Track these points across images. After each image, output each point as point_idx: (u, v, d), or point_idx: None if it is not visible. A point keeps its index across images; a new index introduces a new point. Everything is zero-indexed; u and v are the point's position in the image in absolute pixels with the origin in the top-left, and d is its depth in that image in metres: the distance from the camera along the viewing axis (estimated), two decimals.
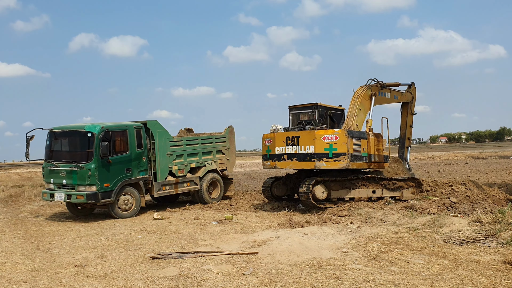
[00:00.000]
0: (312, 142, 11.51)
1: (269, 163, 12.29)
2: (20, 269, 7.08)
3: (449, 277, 5.81)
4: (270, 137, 12.33)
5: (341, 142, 11.34)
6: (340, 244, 7.86)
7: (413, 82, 15.19)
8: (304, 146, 11.61)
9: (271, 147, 12.21)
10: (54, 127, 12.15)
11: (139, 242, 8.77)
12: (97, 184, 11.26)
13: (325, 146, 11.40)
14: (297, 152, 11.72)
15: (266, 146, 12.44)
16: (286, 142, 11.90)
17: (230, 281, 5.97)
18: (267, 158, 12.37)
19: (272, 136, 12.26)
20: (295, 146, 11.74)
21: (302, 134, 11.75)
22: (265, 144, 12.48)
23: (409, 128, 15.57)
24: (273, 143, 12.17)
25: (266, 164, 12.45)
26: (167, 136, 13.31)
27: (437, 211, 10.23)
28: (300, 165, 11.79)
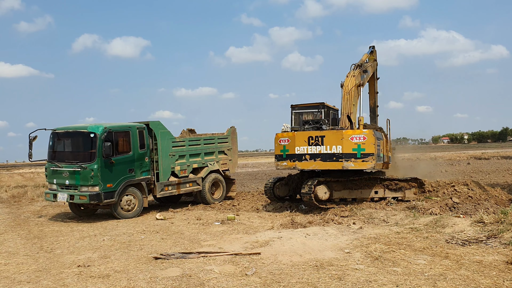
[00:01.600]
0: (339, 142, 11.38)
1: (286, 163, 11.87)
2: (24, 269, 7.11)
3: (451, 278, 5.81)
4: (287, 136, 11.92)
5: (369, 143, 11.36)
6: (343, 245, 7.87)
7: (373, 46, 15.22)
8: (330, 146, 11.45)
9: (289, 146, 11.82)
10: (57, 128, 12.18)
11: (142, 242, 8.79)
12: (99, 185, 11.29)
13: (353, 147, 11.34)
14: (321, 152, 11.50)
15: (281, 145, 12.00)
16: (308, 142, 11.60)
17: (233, 281, 5.99)
18: (283, 158, 11.94)
19: (290, 135, 11.87)
20: (319, 146, 11.52)
21: (327, 134, 11.56)
22: (279, 144, 12.03)
23: (376, 95, 15.99)
24: (292, 142, 11.78)
25: (281, 164, 12.01)
26: (170, 137, 13.33)
27: (440, 211, 10.22)
28: (325, 165, 11.55)
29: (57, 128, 12.17)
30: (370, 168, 11.41)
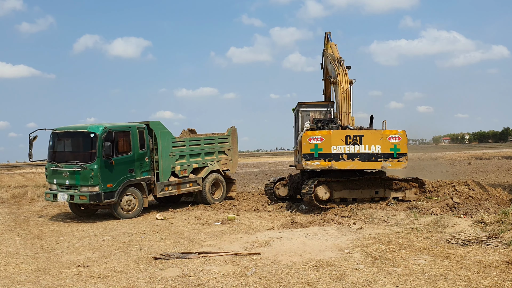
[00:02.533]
0: (378, 142, 11.41)
1: (319, 163, 11.37)
2: (23, 269, 7.10)
3: (452, 278, 5.79)
4: (320, 134, 11.43)
5: (403, 143, 11.49)
6: (343, 245, 7.85)
7: (328, 32, 15.20)
8: (369, 145, 11.42)
9: (323, 145, 11.37)
10: (57, 128, 12.18)
11: (141, 242, 8.78)
12: (100, 185, 11.28)
13: (390, 146, 11.42)
14: (360, 152, 11.42)
15: (311, 144, 11.42)
16: (345, 141, 11.44)
17: (233, 281, 5.97)
18: (314, 157, 11.40)
19: (325, 133, 11.44)
20: (358, 145, 11.42)
21: (366, 133, 11.54)
22: (309, 142, 11.43)
23: None
24: (327, 141, 11.38)
25: (312, 164, 11.43)
26: (170, 137, 13.32)
27: (440, 211, 10.20)
28: (363, 165, 11.51)
29: (57, 128, 12.16)
30: (403, 169, 11.59)
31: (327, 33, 15.19)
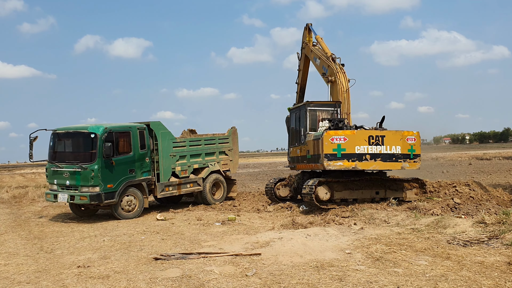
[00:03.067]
0: (398, 142, 11.52)
1: (342, 163, 11.26)
2: (24, 269, 7.09)
3: (453, 279, 5.78)
4: (343, 134, 11.32)
5: (418, 144, 11.71)
6: (344, 245, 7.84)
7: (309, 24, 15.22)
8: (390, 146, 11.48)
9: (346, 145, 11.25)
10: (58, 128, 12.18)
11: (142, 243, 8.78)
12: (100, 185, 11.28)
13: (408, 147, 11.61)
14: (381, 152, 11.45)
15: (334, 144, 11.28)
16: (368, 141, 11.41)
17: (233, 282, 5.96)
18: (337, 157, 11.27)
19: (348, 133, 11.35)
20: (380, 146, 11.44)
21: (387, 133, 11.59)
22: (331, 142, 11.27)
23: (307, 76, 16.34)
24: (351, 141, 11.29)
25: (335, 164, 11.27)
26: (170, 137, 13.32)
27: (441, 212, 10.19)
28: (385, 165, 11.56)
29: (57, 129, 12.16)
30: (417, 169, 11.79)
31: (308, 25, 15.12)
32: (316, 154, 11.71)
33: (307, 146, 12.29)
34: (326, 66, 13.53)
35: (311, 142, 12.06)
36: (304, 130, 12.61)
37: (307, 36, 15.16)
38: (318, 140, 11.58)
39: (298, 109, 13.31)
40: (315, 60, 14.31)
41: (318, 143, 11.57)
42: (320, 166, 11.57)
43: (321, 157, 11.34)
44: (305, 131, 12.55)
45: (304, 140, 12.57)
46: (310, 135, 12.22)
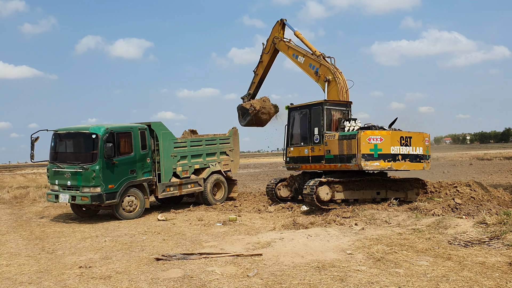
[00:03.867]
0: (421, 143, 11.87)
1: (378, 163, 11.27)
2: (25, 270, 7.10)
3: (454, 279, 5.78)
4: (380, 135, 11.32)
5: (430, 145, 12.16)
6: (345, 246, 7.84)
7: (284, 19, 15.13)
8: (415, 147, 11.72)
9: (382, 146, 11.28)
10: (59, 129, 12.19)
11: (143, 243, 8.79)
12: (101, 186, 11.29)
13: (426, 148, 11.95)
14: (409, 153, 11.64)
15: (371, 144, 11.26)
16: (400, 142, 11.52)
17: (235, 282, 5.97)
18: (374, 158, 11.27)
19: (384, 134, 11.36)
20: (408, 147, 11.61)
21: (413, 135, 11.80)
22: (368, 142, 11.25)
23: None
24: (387, 141, 11.32)
25: (371, 164, 11.24)
26: (171, 138, 13.33)
27: (442, 212, 10.18)
28: (412, 166, 11.72)
29: (59, 129, 12.18)
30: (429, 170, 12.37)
31: (284, 20, 14.94)
32: (347, 154, 11.49)
33: (328, 146, 11.98)
34: (317, 65, 13.42)
35: (335, 141, 11.79)
36: (321, 129, 12.26)
37: (280, 31, 14.96)
38: (351, 139, 11.42)
39: (308, 107, 12.82)
40: (296, 57, 14.12)
41: (350, 143, 11.41)
42: (352, 167, 11.42)
43: (357, 157, 11.22)
44: (322, 130, 12.27)
45: (321, 140, 12.23)
46: (334, 135, 11.92)
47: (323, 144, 12.14)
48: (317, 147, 12.39)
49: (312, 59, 13.70)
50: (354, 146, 11.29)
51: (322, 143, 12.19)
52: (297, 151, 13.13)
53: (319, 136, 12.32)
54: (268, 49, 15.39)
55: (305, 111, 12.91)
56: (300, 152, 13.01)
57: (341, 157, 11.67)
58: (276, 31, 15.10)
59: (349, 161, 11.48)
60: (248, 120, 15.61)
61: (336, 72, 12.99)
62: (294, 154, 13.28)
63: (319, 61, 13.44)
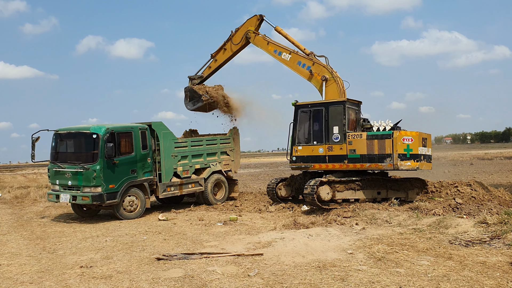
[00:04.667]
0: (430, 144, 12.24)
1: (410, 163, 11.45)
2: (26, 270, 7.11)
3: (455, 279, 5.79)
4: (411, 135, 11.50)
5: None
6: (345, 245, 7.85)
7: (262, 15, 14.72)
8: (429, 148, 12.14)
9: (413, 146, 11.47)
10: (60, 129, 12.20)
11: (144, 243, 8.79)
12: (102, 185, 11.30)
13: (432, 148, 12.44)
14: (426, 154, 12.00)
15: (404, 144, 11.43)
16: (422, 143, 11.78)
17: (235, 282, 5.97)
18: (407, 158, 11.42)
19: (414, 134, 11.54)
20: (425, 147, 11.95)
21: (428, 136, 12.13)
22: (402, 142, 11.42)
23: None
24: (416, 142, 11.51)
25: (405, 164, 11.42)
26: (172, 137, 13.33)
27: (443, 212, 10.19)
28: (427, 166, 12.10)
29: (59, 129, 12.18)
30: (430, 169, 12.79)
31: (263, 16, 14.46)
32: (379, 154, 11.53)
33: (352, 145, 11.86)
34: (309, 63, 13.26)
35: (362, 141, 11.71)
36: (342, 128, 12.06)
37: (256, 25, 14.49)
38: (384, 139, 11.48)
39: (324, 105, 12.47)
40: (279, 54, 13.82)
41: (384, 142, 11.46)
42: (385, 166, 11.47)
43: (393, 157, 11.35)
44: (344, 129, 12.07)
45: (343, 139, 12.02)
46: (360, 134, 11.84)
47: (346, 143, 11.99)
48: (336, 146, 12.14)
49: (301, 57, 13.49)
50: (389, 146, 11.38)
51: (344, 142, 12.02)
52: (308, 150, 12.64)
53: (340, 135, 12.11)
54: (239, 41, 14.77)
55: (319, 109, 12.55)
56: (312, 151, 12.58)
57: (370, 157, 11.64)
58: (250, 25, 14.57)
59: (381, 161, 11.51)
60: (198, 106, 15.36)
61: (333, 71, 12.95)
62: (303, 153, 12.76)
63: (312, 59, 13.27)
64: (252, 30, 14.44)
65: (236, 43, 14.90)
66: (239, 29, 14.81)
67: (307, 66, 13.35)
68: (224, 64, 15.66)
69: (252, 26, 14.52)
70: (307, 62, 13.39)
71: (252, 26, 14.52)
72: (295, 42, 13.98)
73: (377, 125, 12.08)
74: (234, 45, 14.96)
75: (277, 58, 13.97)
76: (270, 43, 14.15)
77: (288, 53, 13.74)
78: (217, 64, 15.53)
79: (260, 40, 14.37)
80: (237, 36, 14.86)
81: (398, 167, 11.37)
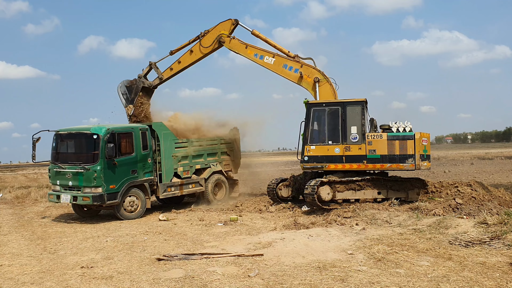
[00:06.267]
0: (429, 145, 12.41)
1: (426, 163, 11.99)
2: (27, 270, 7.13)
3: (454, 279, 5.80)
4: (426, 136, 12.05)
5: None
6: (345, 246, 7.86)
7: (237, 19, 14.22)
8: (428, 148, 12.30)
9: (427, 147, 12.12)
10: (60, 129, 12.22)
11: (144, 243, 8.81)
12: (103, 186, 11.32)
13: (430, 148, 12.52)
14: (428, 154, 12.26)
15: (422, 146, 11.86)
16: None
17: (236, 282, 5.99)
18: (424, 158, 11.94)
19: (427, 136, 12.12)
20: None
21: (428, 136, 12.25)
22: (421, 143, 11.85)
23: None
24: (428, 143, 12.17)
25: (423, 164, 11.89)
26: (173, 138, 13.35)
27: (443, 212, 10.19)
28: (428, 165, 12.33)
29: (60, 130, 12.21)
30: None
31: (237, 20, 14.08)
32: (400, 155, 11.70)
33: (372, 145, 11.87)
34: (296, 66, 13.20)
35: (383, 141, 11.77)
36: (361, 128, 12.03)
37: (230, 30, 14.07)
38: (406, 140, 11.71)
39: (340, 105, 12.34)
40: (261, 58, 13.56)
41: (405, 143, 11.68)
42: (407, 167, 11.62)
43: (415, 157, 11.62)
44: (363, 129, 12.01)
45: (362, 139, 11.97)
46: (381, 135, 11.88)
47: (365, 143, 11.99)
48: (355, 146, 12.09)
49: (287, 60, 13.35)
50: (411, 147, 11.64)
51: (363, 142, 12.01)
52: (323, 149, 12.34)
53: (359, 135, 12.08)
54: (209, 44, 14.08)
55: (335, 108, 12.39)
56: (328, 151, 12.32)
57: (390, 157, 11.79)
58: (223, 28, 14.01)
59: (402, 161, 11.67)
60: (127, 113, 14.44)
61: (324, 74, 13.01)
62: (316, 153, 12.46)
63: (299, 62, 13.21)
64: (226, 34, 13.96)
65: (206, 46, 14.21)
66: (210, 31, 14.17)
67: (295, 68, 13.25)
68: (188, 67, 14.81)
69: (226, 30, 14.02)
70: (294, 65, 13.27)
71: (226, 30, 14.02)
72: (277, 45, 13.71)
73: (396, 126, 12.15)
74: (204, 47, 14.21)
75: (259, 62, 13.63)
76: (249, 47, 13.74)
77: (271, 56, 13.45)
78: (181, 66, 14.70)
79: (236, 43, 13.88)
80: (207, 38, 14.20)
81: (419, 167, 11.73)
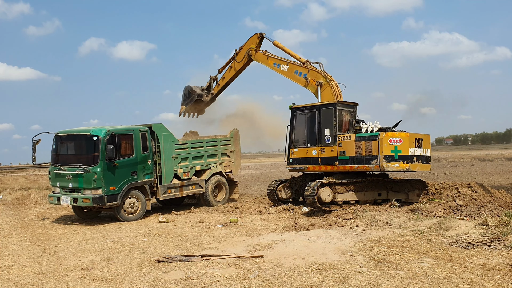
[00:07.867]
0: (428, 145, 12.21)
1: (398, 165, 11.42)
2: (27, 272, 7.12)
3: (455, 281, 5.79)
4: (399, 136, 11.46)
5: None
6: (346, 247, 7.85)
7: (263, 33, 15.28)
8: (425, 148, 12.09)
9: (401, 147, 11.42)
10: (60, 131, 12.23)
11: (144, 245, 8.80)
12: (103, 188, 11.31)
13: (430, 149, 12.41)
14: (422, 155, 11.94)
15: (391, 146, 11.37)
16: (415, 144, 11.75)
17: (236, 284, 5.98)
18: (394, 159, 11.37)
19: (403, 135, 11.49)
20: (420, 148, 11.90)
21: (424, 137, 12.09)
22: (389, 143, 11.36)
23: None
24: (405, 143, 11.48)
25: (392, 166, 11.39)
26: (172, 139, 13.35)
27: (443, 214, 10.18)
28: (423, 167, 12.02)
29: (60, 132, 12.21)
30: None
31: (263, 34, 15.15)
32: (366, 156, 11.54)
33: (342, 147, 11.88)
34: (305, 71, 13.65)
35: (351, 143, 11.72)
36: (333, 130, 12.10)
37: (257, 43, 15.19)
38: (371, 141, 11.47)
39: (317, 108, 12.59)
40: (278, 66, 14.33)
41: (370, 144, 11.46)
42: (372, 168, 11.46)
43: (379, 158, 11.34)
44: (335, 131, 12.09)
45: (333, 141, 12.05)
46: (349, 136, 11.85)
47: (336, 145, 12.01)
48: (328, 148, 12.20)
49: (297, 66, 13.91)
50: (375, 148, 11.37)
51: (334, 144, 12.05)
52: (303, 152, 12.79)
53: (331, 137, 12.14)
54: (242, 58, 15.50)
55: (313, 112, 12.68)
56: (307, 153, 12.70)
57: (358, 158, 11.65)
58: (252, 43, 15.28)
59: (368, 162, 11.49)
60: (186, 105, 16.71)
61: (327, 75, 13.17)
62: (298, 155, 12.91)
63: (307, 67, 13.63)
64: (254, 47, 15.11)
65: (239, 61, 15.59)
66: (242, 47, 15.52)
67: (303, 74, 13.69)
68: (230, 82, 16.31)
69: (254, 44, 15.21)
70: (302, 70, 13.75)
71: (254, 44, 15.21)
72: (291, 52, 14.56)
73: (365, 126, 12.06)
74: (238, 63, 15.63)
75: (277, 70, 14.50)
76: (269, 58, 14.70)
77: (285, 64, 14.21)
78: (225, 81, 16.22)
79: (260, 56, 14.99)
80: (240, 54, 15.59)
81: (384, 169, 11.35)
